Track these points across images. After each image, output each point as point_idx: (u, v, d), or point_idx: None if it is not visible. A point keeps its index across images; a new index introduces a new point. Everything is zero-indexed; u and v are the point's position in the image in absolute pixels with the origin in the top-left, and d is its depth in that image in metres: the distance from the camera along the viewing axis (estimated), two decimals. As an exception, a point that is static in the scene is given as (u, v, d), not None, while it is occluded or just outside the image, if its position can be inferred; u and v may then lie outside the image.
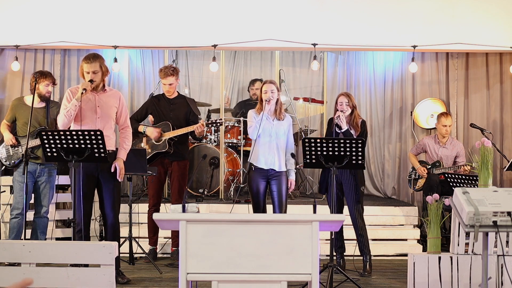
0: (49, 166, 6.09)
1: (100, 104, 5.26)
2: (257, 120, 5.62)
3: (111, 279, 4.28)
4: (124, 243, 5.98)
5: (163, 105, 6.41)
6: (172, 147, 6.30)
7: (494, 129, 8.02)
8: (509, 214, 3.62)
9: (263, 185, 5.68)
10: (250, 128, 5.70)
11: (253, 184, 5.67)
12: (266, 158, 5.65)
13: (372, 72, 8.60)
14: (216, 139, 7.77)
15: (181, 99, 6.48)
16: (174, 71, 6.30)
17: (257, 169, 5.66)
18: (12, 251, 4.31)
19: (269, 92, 5.65)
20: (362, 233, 5.87)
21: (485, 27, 7.40)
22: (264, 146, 5.64)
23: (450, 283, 4.52)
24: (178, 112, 6.37)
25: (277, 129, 5.68)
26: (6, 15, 7.38)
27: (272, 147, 5.64)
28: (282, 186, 5.67)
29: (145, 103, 6.66)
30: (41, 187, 6.08)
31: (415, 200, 8.15)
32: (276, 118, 5.70)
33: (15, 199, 5.98)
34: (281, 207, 5.67)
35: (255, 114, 5.71)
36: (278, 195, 5.67)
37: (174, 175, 6.30)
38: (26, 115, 5.89)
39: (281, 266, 3.55)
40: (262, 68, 9.14)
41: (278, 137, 5.67)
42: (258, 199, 5.68)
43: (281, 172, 5.67)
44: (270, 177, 5.68)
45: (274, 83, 5.75)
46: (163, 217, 3.80)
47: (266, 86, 5.70)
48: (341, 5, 7.42)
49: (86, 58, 5.23)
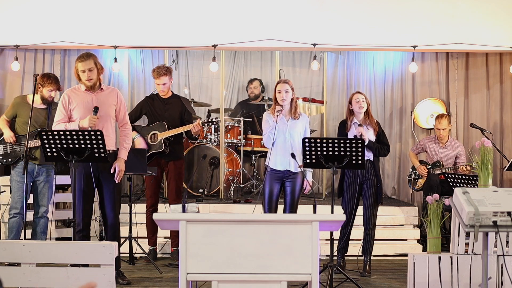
0: (47, 166, 6.08)
1: (98, 103, 5.25)
2: (270, 129, 5.55)
3: (111, 279, 4.28)
4: (124, 243, 5.98)
5: (158, 105, 6.40)
6: (168, 147, 6.30)
7: (494, 129, 8.02)
8: (509, 214, 3.62)
9: (277, 187, 5.65)
10: (264, 136, 5.65)
11: (268, 186, 5.63)
12: (282, 160, 5.59)
13: (372, 72, 8.60)
14: (216, 139, 7.76)
15: (176, 99, 6.47)
16: (167, 71, 6.29)
17: (273, 170, 5.63)
18: (12, 251, 4.31)
19: (283, 91, 5.59)
20: (371, 232, 5.89)
21: (485, 27, 7.40)
22: (279, 148, 5.59)
23: (450, 283, 4.52)
24: (173, 112, 6.37)
25: (292, 130, 5.61)
26: (6, 15, 7.38)
27: (287, 149, 5.54)
28: (296, 187, 5.65)
29: (139, 104, 6.63)
30: (39, 187, 6.08)
31: (415, 200, 8.16)
32: (292, 117, 5.65)
33: (13, 199, 5.98)
34: (292, 208, 5.66)
35: (268, 117, 5.63)
36: (291, 196, 5.65)
37: (170, 175, 6.29)
38: (27, 114, 5.89)
39: (281, 266, 3.55)
40: (262, 68, 9.14)
41: (292, 138, 5.60)
42: (271, 199, 5.64)
43: (296, 172, 5.64)
44: (285, 178, 5.65)
45: (288, 82, 5.66)
46: (163, 217, 3.80)
47: (280, 86, 5.63)
48: (341, 5, 7.42)
49: (80, 57, 5.23)
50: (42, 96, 5.98)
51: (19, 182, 5.92)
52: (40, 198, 6.09)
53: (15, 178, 6.01)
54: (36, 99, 5.93)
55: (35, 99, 5.90)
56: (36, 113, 5.94)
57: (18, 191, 5.93)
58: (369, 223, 5.87)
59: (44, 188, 6.09)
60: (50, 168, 6.12)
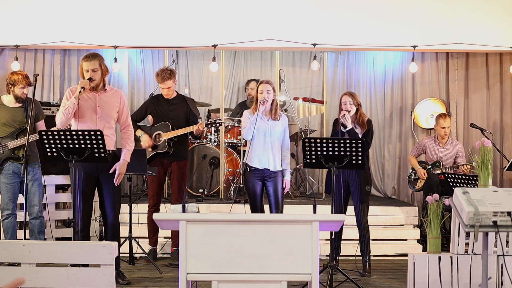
0: (32, 164, 5.90)
1: (100, 103, 5.26)
2: (251, 120, 5.61)
3: (111, 279, 4.28)
4: (124, 243, 5.98)
5: (163, 106, 6.41)
6: (171, 148, 6.30)
7: (494, 129, 8.02)
8: (509, 214, 3.62)
9: (259, 186, 5.68)
10: (244, 129, 5.69)
11: (249, 185, 5.68)
12: (260, 158, 5.64)
13: (372, 72, 8.61)
14: (216, 139, 7.77)
15: (181, 99, 6.47)
16: (171, 74, 6.29)
17: (252, 169, 5.66)
18: (12, 251, 4.31)
19: (264, 92, 5.64)
20: (365, 233, 5.87)
21: (485, 27, 7.40)
22: (258, 146, 5.64)
23: (450, 283, 4.52)
24: (178, 112, 6.37)
25: (272, 129, 5.66)
26: (6, 15, 7.38)
27: (267, 147, 5.63)
28: (278, 186, 5.68)
29: (145, 103, 6.65)
30: (28, 186, 5.88)
31: (415, 200, 8.16)
32: (272, 118, 5.69)
33: (3, 201, 5.91)
34: (277, 207, 5.68)
35: (249, 115, 5.70)
36: (274, 196, 5.68)
37: (173, 175, 6.29)
38: (4, 116, 5.87)
39: (281, 266, 3.55)
40: (262, 68, 9.14)
41: (272, 137, 5.66)
42: (255, 200, 5.69)
43: (276, 172, 5.67)
44: (266, 178, 5.67)
45: (270, 83, 5.72)
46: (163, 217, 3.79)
47: (262, 86, 5.68)
48: (341, 5, 7.42)
49: (86, 57, 5.25)
50: (15, 95, 5.91)
51: (7, 184, 5.86)
52: (31, 198, 5.93)
53: (2, 180, 5.90)
54: (10, 99, 5.92)
55: (8, 100, 5.90)
56: (13, 112, 5.90)
57: (7, 192, 5.87)
58: (361, 224, 5.86)
59: (33, 187, 5.92)
60: (36, 166, 5.96)
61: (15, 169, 5.86)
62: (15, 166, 5.87)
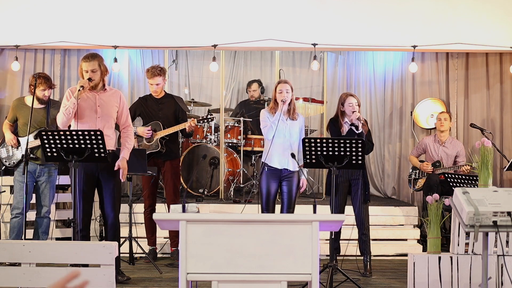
0: (49, 166, 6.10)
1: (100, 103, 5.26)
2: (272, 120, 5.60)
3: (111, 279, 4.28)
4: (124, 243, 5.98)
5: (151, 105, 6.40)
6: (164, 146, 6.30)
7: (494, 129, 8.02)
8: (509, 214, 3.62)
9: (274, 186, 5.68)
10: (265, 128, 5.67)
11: (265, 185, 5.67)
12: (280, 158, 5.64)
13: (372, 72, 8.61)
14: (216, 139, 7.76)
15: (169, 98, 6.48)
16: (162, 71, 6.30)
17: (271, 169, 5.66)
18: (12, 251, 4.31)
19: (284, 91, 5.64)
20: (366, 233, 5.88)
21: (485, 27, 7.40)
22: (278, 146, 5.63)
23: (450, 283, 4.52)
24: (167, 111, 6.37)
25: (291, 129, 5.68)
26: (6, 15, 7.38)
27: (286, 148, 5.62)
28: (293, 187, 5.69)
29: (133, 105, 6.61)
30: (41, 187, 6.09)
31: (415, 200, 8.16)
32: (290, 118, 5.70)
33: (15, 199, 6.00)
34: (289, 207, 5.70)
35: (268, 114, 5.69)
36: (288, 196, 5.69)
37: (167, 175, 6.28)
38: (26, 116, 5.92)
39: (281, 266, 3.55)
40: (262, 68, 9.14)
41: (291, 137, 5.67)
42: (268, 200, 5.67)
43: (293, 172, 5.69)
44: (282, 178, 5.68)
45: (288, 83, 5.74)
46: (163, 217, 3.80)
47: (281, 86, 5.69)
48: (341, 5, 7.42)
49: (85, 57, 5.25)
50: (36, 97, 6.00)
51: (21, 182, 5.94)
52: (42, 198, 6.11)
53: (17, 178, 6.04)
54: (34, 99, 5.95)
55: (30, 101, 5.96)
56: (35, 113, 5.96)
57: (20, 191, 5.95)
58: (363, 224, 5.86)
59: (46, 189, 6.10)
60: (52, 168, 6.13)
61: (30, 169, 5.90)
62: (31, 165, 5.91)
